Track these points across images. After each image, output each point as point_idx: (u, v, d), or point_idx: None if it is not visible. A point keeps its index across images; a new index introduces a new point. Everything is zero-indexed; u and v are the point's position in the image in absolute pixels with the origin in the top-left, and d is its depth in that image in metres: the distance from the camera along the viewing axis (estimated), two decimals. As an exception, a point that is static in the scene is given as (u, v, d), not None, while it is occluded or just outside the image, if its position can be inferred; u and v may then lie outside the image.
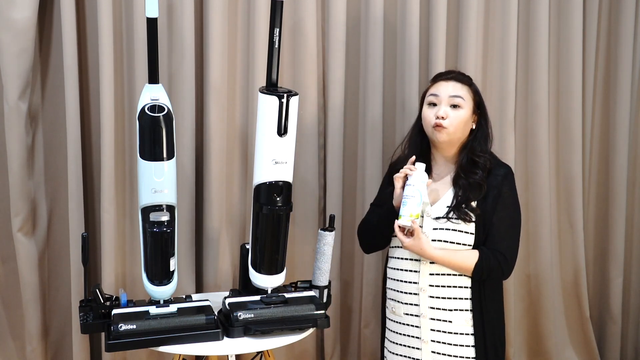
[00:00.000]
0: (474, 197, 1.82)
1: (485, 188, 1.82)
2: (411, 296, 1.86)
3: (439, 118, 1.82)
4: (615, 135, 2.65)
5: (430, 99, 1.87)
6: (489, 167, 1.85)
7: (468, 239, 1.82)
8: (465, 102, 1.85)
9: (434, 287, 1.83)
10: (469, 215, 1.81)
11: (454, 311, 1.83)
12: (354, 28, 2.35)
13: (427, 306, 1.84)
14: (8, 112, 2.03)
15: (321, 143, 2.36)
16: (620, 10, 2.60)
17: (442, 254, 1.80)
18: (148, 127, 1.72)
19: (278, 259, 1.88)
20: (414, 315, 1.86)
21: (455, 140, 1.86)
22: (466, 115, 1.85)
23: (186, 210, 2.18)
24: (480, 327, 1.83)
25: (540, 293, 2.56)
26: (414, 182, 1.78)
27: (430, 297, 1.83)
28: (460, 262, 1.80)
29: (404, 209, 1.77)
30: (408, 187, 1.78)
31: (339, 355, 2.45)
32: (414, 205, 1.77)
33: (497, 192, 1.84)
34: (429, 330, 1.84)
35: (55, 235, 2.22)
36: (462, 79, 1.89)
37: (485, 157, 1.86)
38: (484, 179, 1.83)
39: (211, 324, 1.75)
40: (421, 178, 1.78)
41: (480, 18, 2.42)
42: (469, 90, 1.88)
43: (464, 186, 1.83)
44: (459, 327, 1.83)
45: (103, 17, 2.05)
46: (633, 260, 2.74)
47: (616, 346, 2.74)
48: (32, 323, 2.16)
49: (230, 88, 2.25)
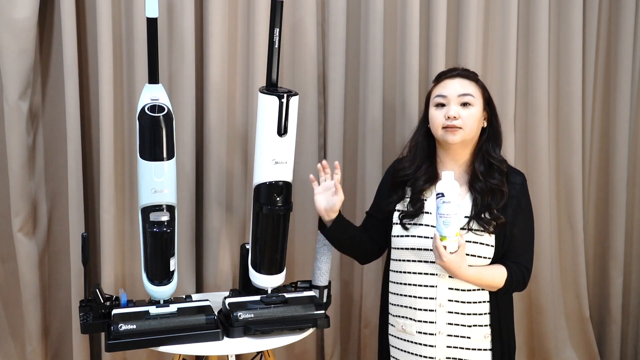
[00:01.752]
0: (495, 203, 1.72)
1: (507, 193, 1.73)
2: (427, 313, 1.75)
3: (449, 119, 1.72)
4: (615, 136, 2.65)
5: (438, 100, 1.77)
6: (506, 171, 1.76)
7: (488, 252, 1.72)
8: (475, 99, 1.75)
9: (452, 303, 1.73)
10: (492, 224, 1.70)
11: (473, 327, 1.74)
12: (354, 28, 2.35)
13: (445, 322, 1.73)
14: (8, 112, 2.03)
15: (321, 143, 2.36)
16: (620, 10, 2.60)
17: (475, 274, 1.69)
18: (148, 127, 1.72)
19: (278, 259, 1.88)
20: (428, 333, 1.75)
21: (468, 141, 1.76)
22: (478, 113, 1.75)
23: (186, 210, 2.18)
24: (498, 341, 1.76)
25: (540, 293, 2.56)
26: (451, 198, 1.60)
27: (448, 313, 1.73)
28: (491, 280, 1.71)
29: (446, 229, 1.61)
30: (445, 205, 1.60)
31: (339, 355, 2.45)
32: (456, 222, 1.61)
33: (517, 202, 1.75)
34: (444, 347, 1.74)
35: (55, 235, 2.22)
36: (468, 75, 1.80)
37: (499, 160, 1.77)
38: (504, 183, 1.73)
39: (211, 324, 1.75)
40: (456, 190, 1.62)
41: (480, 18, 2.42)
42: (477, 86, 1.79)
43: (483, 191, 1.72)
44: (477, 342, 1.74)
45: (103, 17, 2.05)
46: (633, 260, 2.74)
47: (616, 346, 2.74)
48: (32, 323, 2.16)
49: (230, 88, 2.25)
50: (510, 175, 1.78)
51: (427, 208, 1.79)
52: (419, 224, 1.78)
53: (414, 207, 1.79)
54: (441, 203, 1.62)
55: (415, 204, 1.79)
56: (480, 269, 1.71)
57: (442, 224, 1.62)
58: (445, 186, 1.62)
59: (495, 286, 1.73)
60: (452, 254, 1.63)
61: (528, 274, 1.77)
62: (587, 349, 2.68)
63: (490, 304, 1.75)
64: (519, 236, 1.75)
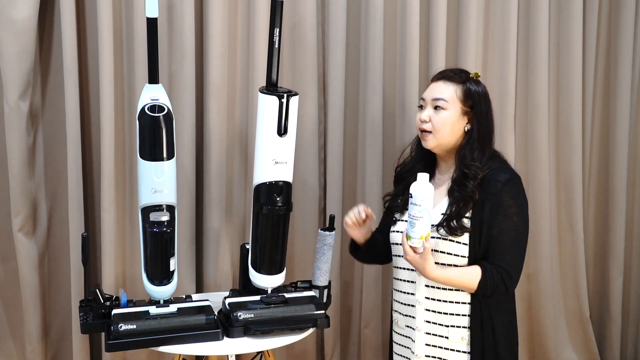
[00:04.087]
0: (464, 211, 1.70)
1: (477, 199, 1.69)
2: (408, 307, 1.80)
3: (422, 122, 1.76)
4: (615, 135, 2.65)
5: (420, 102, 1.81)
6: (482, 176, 1.70)
7: (462, 250, 1.70)
8: (448, 103, 1.73)
9: (430, 300, 1.75)
10: (459, 231, 1.69)
11: (450, 327, 1.73)
12: (354, 28, 2.35)
13: (423, 320, 1.76)
14: (9, 112, 2.04)
15: (321, 143, 2.36)
16: (620, 10, 2.60)
17: (442, 275, 1.68)
18: (148, 127, 1.72)
19: (278, 259, 1.88)
20: (411, 327, 1.79)
21: (445, 144, 1.75)
22: (451, 117, 1.73)
23: (186, 210, 2.18)
24: (478, 346, 1.72)
25: (540, 293, 2.56)
26: (420, 201, 1.61)
27: (426, 310, 1.75)
28: (461, 280, 1.69)
29: (412, 230, 1.63)
30: (414, 207, 1.62)
31: (339, 355, 2.45)
32: (423, 225, 1.62)
33: (496, 200, 1.69)
34: (423, 345, 1.76)
35: (55, 235, 2.22)
36: (453, 77, 1.77)
37: (475, 166, 1.71)
38: (474, 190, 1.69)
39: (211, 324, 1.75)
40: (427, 194, 1.61)
41: (480, 18, 2.42)
42: (459, 89, 1.75)
43: (457, 199, 1.71)
44: (454, 344, 1.73)
45: (103, 17, 2.05)
46: (633, 260, 2.74)
47: (616, 346, 2.74)
48: (32, 323, 2.16)
49: (230, 88, 2.25)
50: (495, 175, 1.72)
51: None
52: (403, 220, 1.82)
53: (402, 201, 1.84)
54: (410, 204, 1.64)
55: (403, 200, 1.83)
56: (449, 269, 1.70)
57: (409, 225, 1.65)
58: (416, 188, 1.63)
59: (468, 287, 1.70)
60: (417, 254, 1.66)
61: (509, 278, 1.70)
62: (587, 349, 2.68)
63: (471, 306, 1.72)
64: (499, 237, 1.69)
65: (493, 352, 1.73)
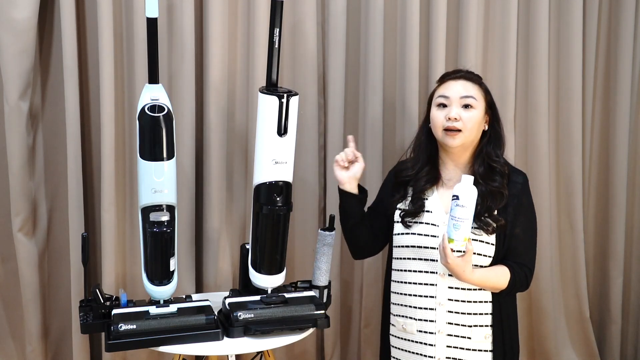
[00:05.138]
0: (495, 205, 1.72)
1: (507, 194, 1.73)
2: (427, 311, 1.76)
3: (450, 120, 1.73)
4: (615, 136, 2.65)
5: (440, 100, 1.78)
6: (507, 173, 1.76)
7: (488, 250, 1.72)
8: (477, 102, 1.75)
9: (452, 302, 1.74)
10: (491, 226, 1.71)
11: (474, 327, 1.74)
12: (354, 28, 2.35)
13: (445, 322, 1.74)
14: (9, 112, 2.03)
15: (321, 143, 2.36)
16: (620, 10, 2.60)
17: (480, 277, 1.69)
18: (148, 127, 1.72)
19: (278, 259, 1.88)
20: (428, 332, 1.76)
21: (468, 143, 1.77)
22: (479, 116, 1.76)
23: (186, 210, 2.18)
24: (499, 342, 1.75)
25: (540, 293, 2.56)
26: (466, 203, 1.59)
27: (448, 312, 1.74)
28: (496, 282, 1.71)
29: (456, 232, 1.61)
30: (459, 209, 1.60)
31: (339, 355, 2.45)
32: (467, 227, 1.61)
33: (518, 201, 1.75)
34: (444, 347, 1.75)
35: (55, 235, 2.22)
36: (472, 78, 1.81)
37: (501, 163, 1.76)
38: (504, 185, 1.73)
39: (211, 324, 1.75)
40: (472, 195, 1.60)
41: (480, 18, 2.42)
42: (480, 89, 1.79)
43: (484, 194, 1.71)
44: (477, 343, 1.74)
45: (103, 17, 2.05)
46: (633, 260, 2.74)
47: (616, 346, 2.74)
48: (32, 323, 2.16)
49: (230, 88, 2.25)
50: (512, 175, 1.79)
51: (428, 207, 1.81)
52: (419, 222, 1.79)
53: (414, 205, 1.81)
54: (455, 205, 1.62)
55: (416, 203, 1.81)
56: (485, 272, 1.72)
57: (452, 227, 1.62)
58: (462, 190, 1.61)
59: (499, 288, 1.73)
60: (459, 257, 1.64)
61: (530, 274, 1.77)
62: (587, 349, 2.68)
63: (492, 304, 1.75)
64: (521, 236, 1.75)
65: (511, 347, 1.78)
